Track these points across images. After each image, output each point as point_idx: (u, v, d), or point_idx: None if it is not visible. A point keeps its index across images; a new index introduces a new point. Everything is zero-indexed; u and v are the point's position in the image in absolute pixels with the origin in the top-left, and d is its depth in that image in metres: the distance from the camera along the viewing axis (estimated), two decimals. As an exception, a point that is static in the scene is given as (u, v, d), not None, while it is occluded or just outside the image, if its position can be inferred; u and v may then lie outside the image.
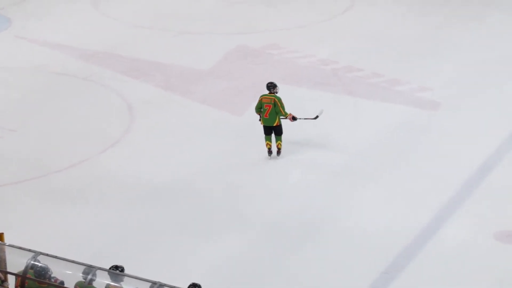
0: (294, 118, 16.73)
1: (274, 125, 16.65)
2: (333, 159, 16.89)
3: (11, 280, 11.14)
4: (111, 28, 24.49)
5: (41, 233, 14.44)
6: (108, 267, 10.89)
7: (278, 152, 16.88)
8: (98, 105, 19.60)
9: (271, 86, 16.81)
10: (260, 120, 16.78)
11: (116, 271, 10.87)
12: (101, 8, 26.24)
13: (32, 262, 10.82)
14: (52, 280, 10.90)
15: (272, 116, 16.59)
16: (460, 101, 19.23)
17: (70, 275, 10.85)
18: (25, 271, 10.88)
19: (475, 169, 16.29)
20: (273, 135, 16.80)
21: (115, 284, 10.70)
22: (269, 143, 16.82)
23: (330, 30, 23.98)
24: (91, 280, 10.71)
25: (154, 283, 10.26)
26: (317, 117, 17.04)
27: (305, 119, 17.00)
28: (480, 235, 14.31)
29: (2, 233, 11.61)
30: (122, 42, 23.16)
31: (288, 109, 16.63)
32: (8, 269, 11.17)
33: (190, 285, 10.72)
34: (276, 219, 14.96)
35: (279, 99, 16.60)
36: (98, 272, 10.72)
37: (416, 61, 21.40)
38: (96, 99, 19.91)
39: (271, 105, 16.57)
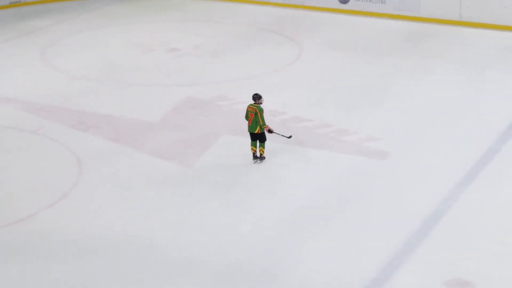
0: (270, 131, 18.53)
1: (256, 132, 18.48)
2: (282, 208, 16.90)
3: None
4: (59, 81, 24.44)
5: (-14, 289, 14.21)
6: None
7: (261, 157, 18.71)
8: (46, 158, 19.43)
9: (256, 97, 18.48)
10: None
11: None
12: (49, 60, 26.20)
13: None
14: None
15: (253, 124, 18.46)
16: (407, 150, 19.46)
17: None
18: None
19: (425, 217, 16.43)
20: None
21: None
22: (254, 148, 18.69)
23: (278, 81, 24.22)
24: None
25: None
26: (290, 136, 18.94)
27: (281, 135, 18.92)
28: (431, 284, 14.36)
29: None
30: (70, 95, 23.10)
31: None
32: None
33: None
34: (227, 269, 14.87)
35: (260, 110, 18.35)
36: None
37: (364, 111, 21.67)
38: (44, 152, 19.74)
39: (253, 114, 18.38)
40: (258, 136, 18.59)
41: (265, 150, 18.83)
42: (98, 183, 18.13)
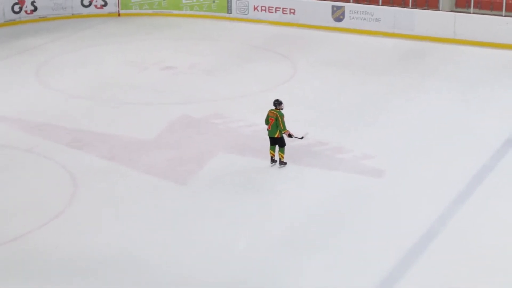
0: (289, 135, 19.22)
1: (275, 136, 19.12)
2: (277, 227, 16.87)
3: None
4: (54, 99, 24.41)
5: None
6: None
7: (281, 163, 19.32)
8: (40, 177, 19.37)
9: (277, 103, 19.27)
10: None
11: None
12: (44, 79, 26.19)
13: None
14: None
15: (273, 129, 19.16)
16: (403, 167, 19.48)
17: None
18: None
19: (421, 234, 16.41)
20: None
21: None
22: (272, 152, 19.38)
23: (272, 99, 24.11)
24: None
25: None
26: (302, 137, 19.47)
27: (299, 138, 19.44)
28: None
29: None
30: (65, 113, 23.07)
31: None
32: None
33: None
34: (223, 289, 14.86)
35: (281, 115, 19.10)
36: None
37: (359, 129, 21.69)
38: (39, 171, 19.68)
39: (274, 119, 19.07)
40: (277, 141, 19.20)
41: (261, 166, 18.84)
42: (92, 202, 18.08)
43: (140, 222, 17.19)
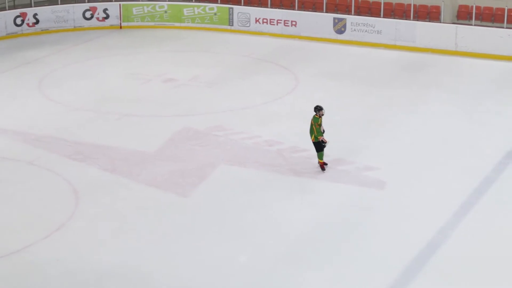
0: (322, 141, 19.57)
1: (312, 141, 19.70)
2: (279, 239, 16.84)
3: None
4: (56, 112, 24.42)
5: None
6: None
7: (320, 166, 19.82)
8: (43, 189, 19.36)
9: (316, 109, 19.66)
10: None
11: None
12: (46, 91, 26.20)
13: None
14: None
15: (311, 133, 19.67)
16: (405, 179, 19.47)
17: None
18: None
19: (422, 247, 16.38)
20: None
21: None
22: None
23: (274, 111, 24.25)
24: None
25: None
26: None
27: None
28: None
29: None
30: (67, 126, 23.08)
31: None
32: None
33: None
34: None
35: (315, 121, 19.54)
36: None
37: (360, 141, 21.68)
38: (41, 183, 19.66)
39: (311, 125, 19.69)
40: (314, 145, 19.71)
41: (263, 178, 19.12)
42: (94, 215, 18.05)
43: (141, 235, 17.16)
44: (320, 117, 19.54)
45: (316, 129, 19.40)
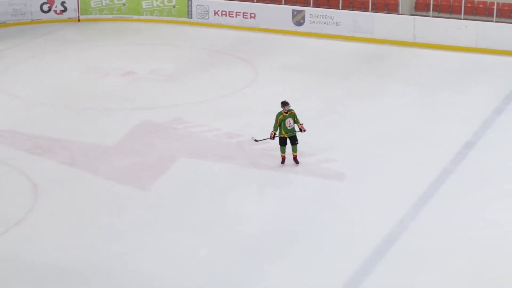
0: (273, 138, 19.57)
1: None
2: (239, 233, 16.85)
3: None
4: (13, 106, 24.20)
5: None
6: None
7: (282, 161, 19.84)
8: (0, 184, 19.17)
9: (281, 104, 19.51)
10: None
11: None
12: (3, 86, 25.94)
13: None
14: None
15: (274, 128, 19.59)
16: (363, 171, 19.58)
17: None
18: None
19: (381, 238, 16.49)
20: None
21: None
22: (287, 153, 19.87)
23: (234, 104, 24.24)
24: None
25: None
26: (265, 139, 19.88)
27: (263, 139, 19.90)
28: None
29: None
30: (25, 120, 22.87)
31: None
32: None
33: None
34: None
35: (277, 115, 19.41)
36: None
37: (320, 133, 21.72)
38: (-1, 178, 19.53)
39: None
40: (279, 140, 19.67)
41: (222, 171, 19.08)
42: (53, 209, 17.92)
43: (102, 228, 17.07)
44: (286, 112, 19.39)
45: (274, 123, 19.29)
